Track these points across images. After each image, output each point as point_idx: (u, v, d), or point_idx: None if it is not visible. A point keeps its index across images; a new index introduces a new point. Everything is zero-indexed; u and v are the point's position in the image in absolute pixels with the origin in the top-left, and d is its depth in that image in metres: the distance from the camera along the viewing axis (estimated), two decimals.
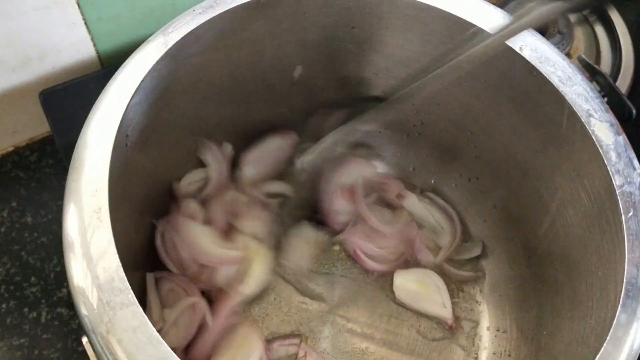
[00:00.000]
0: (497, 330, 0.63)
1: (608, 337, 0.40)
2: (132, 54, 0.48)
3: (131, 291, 0.38)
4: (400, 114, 0.67)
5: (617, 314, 0.41)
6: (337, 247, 0.67)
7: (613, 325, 0.41)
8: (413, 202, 0.68)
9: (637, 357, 0.40)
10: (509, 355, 0.61)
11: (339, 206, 0.66)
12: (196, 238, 0.58)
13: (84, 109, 0.45)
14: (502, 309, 0.64)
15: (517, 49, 0.51)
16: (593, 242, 0.49)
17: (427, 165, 0.71)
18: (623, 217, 0.44)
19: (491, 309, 0.64)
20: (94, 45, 0.69)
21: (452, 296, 0.65)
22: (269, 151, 0.66)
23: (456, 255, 0.67)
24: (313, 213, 0.67)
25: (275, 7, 0.53)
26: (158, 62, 0.47)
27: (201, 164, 0.64)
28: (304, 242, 0.65)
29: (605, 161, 0.46)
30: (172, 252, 0.58)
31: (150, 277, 0.57)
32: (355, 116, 0.58)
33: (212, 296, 0.59)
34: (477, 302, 0.65)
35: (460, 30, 0.53)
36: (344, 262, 0.66)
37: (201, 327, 0.56)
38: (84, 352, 0.40)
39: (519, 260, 0.63)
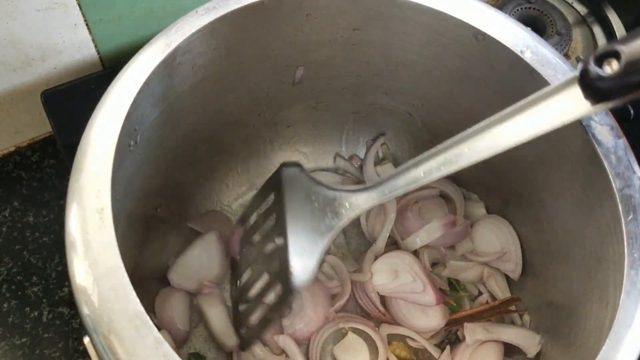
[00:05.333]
0: None
1: (607, 340, 0.41)
2: (136, 55, 0.48)
3: (133, 291, 0.38)
4: (402, 115, 0.68)
5: (617, 316, 0.41)
6: None
7: (612, 328, 0.41)
8: None
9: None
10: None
11: None
12: None
13: (85, 109, 0.45)
14: None
15: (518, 52, 0.51)
16: (593, 245, 0.49)
17: None
18: (623, 220, 0.44)
19: None
20: (95, 46, 0.69)
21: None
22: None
23: None
24: None
25: (277, 9, 0.53)
26: (161, 63, 0.47)
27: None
28: None
29: (606, 164, 0.46)
30: None
31: None
32: None
33: None
34: None
35: (460, 32, 0.53)
36: None
37: None
38: (85, 351, 0.40)
39: None
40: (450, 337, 0.64)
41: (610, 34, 0.80)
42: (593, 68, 0.38)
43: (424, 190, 0.68)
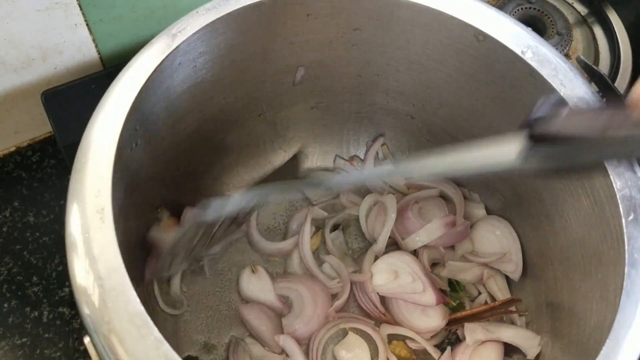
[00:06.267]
0: None
1: (607, 339, 0.41)
2: (136, 55, 0.48)
3: (134, 291, 0.38)
4: (402, 115, 0.68)
5: (617, 316, 0.41)
6: None
7: (613, 328, 0.41)
8: None
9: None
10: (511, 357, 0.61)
11: None
12: None
13: (85, 109, 0.45)
14: None
15: (518, 52, 0.51)
16: (593, 245, 0.49)
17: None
18: (623, 220, 0.44)
19: None
20: (96, 46, 0.69)
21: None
22: None
23: None
24: None
25: (278, 9, 0.53)
26: (162, 63, 0.47)
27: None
28: None
29: (606, 164, 0.46)
30: None
31: None
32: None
33: None
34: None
35: (460, 32, 0.53)
36: None
37: None
38: (86, 351, 0.40)
39: None
40: (450, 337, 0.64)
41: (610, 34, 0.80)
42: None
43: (424, 190, 0.69)
